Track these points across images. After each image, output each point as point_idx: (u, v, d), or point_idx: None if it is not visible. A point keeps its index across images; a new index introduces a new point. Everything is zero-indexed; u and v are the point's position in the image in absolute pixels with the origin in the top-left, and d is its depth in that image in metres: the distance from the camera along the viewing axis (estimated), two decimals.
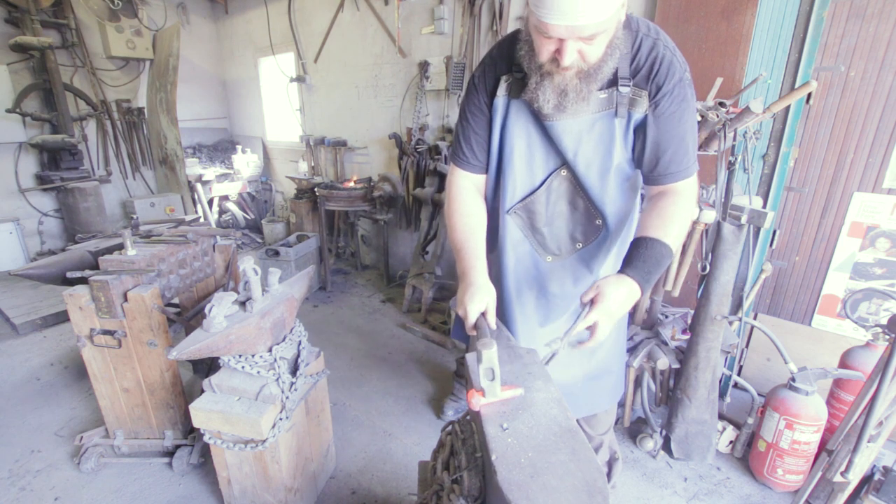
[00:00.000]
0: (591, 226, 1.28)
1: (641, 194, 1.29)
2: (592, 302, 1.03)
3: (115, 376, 1.88)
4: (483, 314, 1.06)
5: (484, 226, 1.28)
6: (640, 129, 1.14)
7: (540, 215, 1.30)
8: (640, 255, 1.06)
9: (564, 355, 1.44)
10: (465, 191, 1.30)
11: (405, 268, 4.07)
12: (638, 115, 1.12)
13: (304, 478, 1.74)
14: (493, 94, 1.23)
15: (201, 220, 3.04)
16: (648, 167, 1.16)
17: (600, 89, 1.11)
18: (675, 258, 1.24)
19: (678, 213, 1.12)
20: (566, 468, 0.73)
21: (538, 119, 1.18)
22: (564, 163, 1.22)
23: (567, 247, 1.33)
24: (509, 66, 1.19)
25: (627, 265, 1.07)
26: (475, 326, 1.04)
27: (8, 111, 3.93)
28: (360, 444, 2.15)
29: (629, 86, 1.10)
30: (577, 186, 1.24)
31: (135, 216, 4.29)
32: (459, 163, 1.31)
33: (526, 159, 1.24)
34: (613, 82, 1.10)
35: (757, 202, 1.88)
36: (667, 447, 2.03)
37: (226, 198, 5.47)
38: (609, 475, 1.76)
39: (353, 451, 2.11)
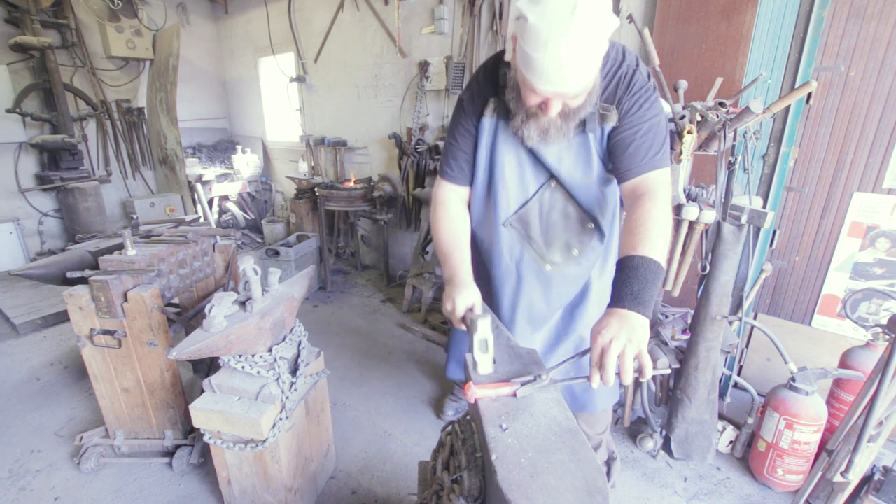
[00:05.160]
0: (584, 231, 1.37)
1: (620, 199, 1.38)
2: (593, 346, 0.93)
3: (115, 376, 1.88)
4: (470, 309, 1.13)
5: (468, 233, 1.38)
6: (611, 133, 1.23)
7: (534, 225, 1.39)
8: (623, 279, 1.00)
9: (563, 348, 1.49)
10: (451, 202, 1.39)
11: (405, 268, 4.07)
12: (609, 127, 1.22)
13: (304, 478, 1.74)
14: (481, 115, 1.32)
15: (201, 220, 3.04)
16: (617, 162, 1.22)
17: None
18: (667, 263, 1.26)
19: (654, 218, 1.08)
20: (566, 468, 0.73)
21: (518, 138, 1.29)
22: (551, 177, 1.33)
23: (564, 254, 1.41)
24: (495, 88, 1.29)
25: (614, 296, 1.00)
26: (463, 319, 1.13)
27: (8, 111, 3.93)
28: (360, 444, 2.15)
29: (596, 103, 1.19)
30: (568, 195, 1.34)
31: (135, 216, 4.29)
32: (447, 176, 1.41)
33: (517, 174, 1.35)
34: None
35: (757, 202, 1.88)
36: (667, 447, 2.03)
37: (226, 198, 5.47)
38: (608, 475, 1.76)
39: (353, 451, 2.11)
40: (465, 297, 1.14)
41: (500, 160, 1.33)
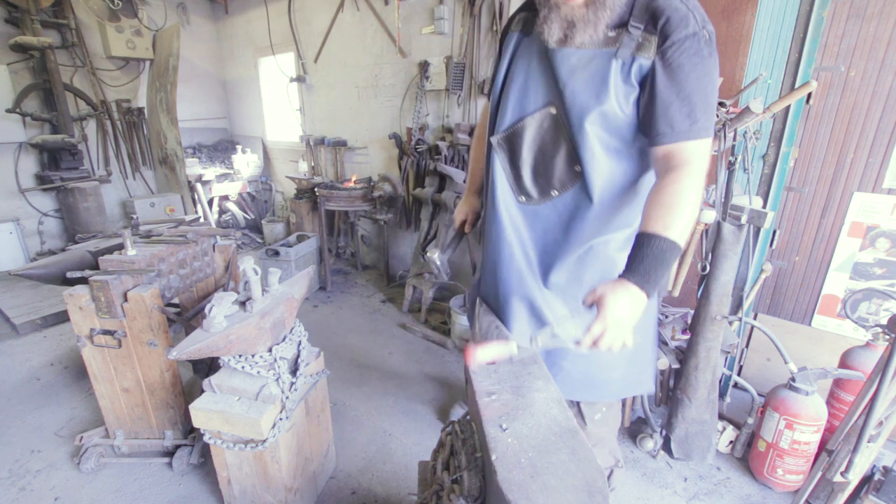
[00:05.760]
0: (569, 172, 1.21)
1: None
2: (595, 308, 0.96)
3: (115, 376, 1.88)
4: (464, 222, 1.58)
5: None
6: (646, 83, 1.06)
7: (520, 150, 1.26)
8: (640, 256, 0.99)
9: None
10: (485, 117, 1.47)
11: (405, 268, 4.08)
12: (642, 60, 1.05)
13: (304, 478, 1.74)
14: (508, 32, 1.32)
15: (201, 220, 3.04)
16: (650, 123, 1.07)
17: (611, 27, 1.07)
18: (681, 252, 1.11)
19: (683, 198, 1.01)
20: (566, 468, 0.73)
21: (543, 54, 1.18)
22: (552, 101, 1.18)
23: (541, 191, 1.27)
24: (531, 6, 1.24)
25: (629, 268, 1.00)
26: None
27: (8, 111, 3.93)
28: (360, 444, 2.15)
29: (640, 29, 1.04)
30: (562, 126, 1.18)
31: (135, 216, 4.30)
32: (485, 92, 1.64)
33: (520, 89, 1.24)
34: (624, 24, 1.06)
35: (757, 202, 1.88)
36: (667, 447, 2.03)
37: (226, 198, 5.47)
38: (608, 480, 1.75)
39: (353, 451, 2.11)
40: (461, 209, 1.58)
41: (510, 75, 1.26)
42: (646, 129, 1.09)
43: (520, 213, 1.30)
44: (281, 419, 1.53)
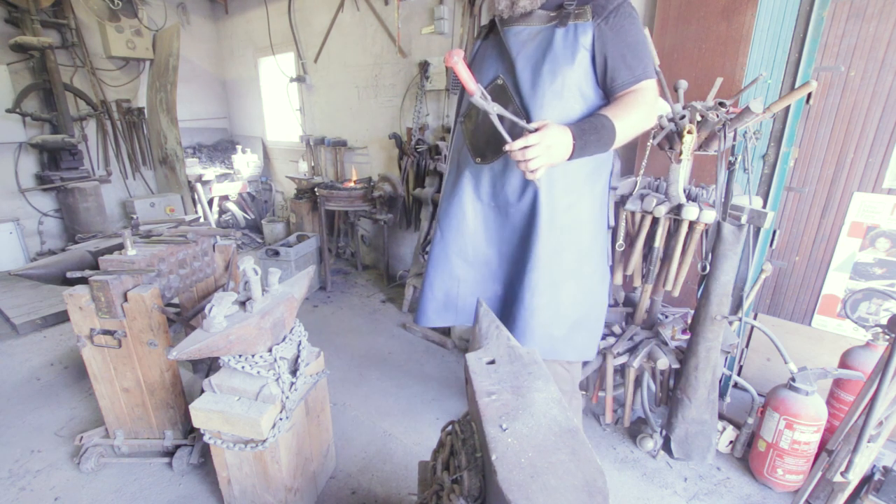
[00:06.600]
0: (515, 127, 1.36)
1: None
2: (538, 129, 1.19)
3: (115, 376, 1.88)
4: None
5: None
6: (597, 48, 1.31)
7: (476, 121, 1.51)
8: (586, 121, 1.25)
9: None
10: None
11: (405, 268, 4.08)
12: (582, 27, 1.31)
13: (304, 478, 1.74)
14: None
15: (201, 220, 3.04)
16: (613, 74, 1.32)
17: (549, 8, 1.36)
18: (617, 142, 1.29)
19: (631, 104, 1.28)
20: (566, 468, 0.73)
21: (495, 42, 1.46)
22: (501, 74, 1.44)
23: (495, 150, 1.47)
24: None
25: (575, 124, 1.24)
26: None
27: (8, 111, 3.93)
28: (360, 444, 2.15)
29: (573, 4, 1.32)
30: (510, 91, 1.43)
31: (135, 216, 4.30)
32: None
33: (477, 72, 1.50)
34: (560, 5, 1.34)
35: (757, 202, 1.88)
36: (667, 447, 2.03)
37: (226, 198, 5.47)
38: None
39: (353, 451, 2.11)
40: None
41: (472, 69, 1.48)
42: (610, 80, 1.33)
43: (477, 171, 1.55)
44: (281, 419, 1.53)
